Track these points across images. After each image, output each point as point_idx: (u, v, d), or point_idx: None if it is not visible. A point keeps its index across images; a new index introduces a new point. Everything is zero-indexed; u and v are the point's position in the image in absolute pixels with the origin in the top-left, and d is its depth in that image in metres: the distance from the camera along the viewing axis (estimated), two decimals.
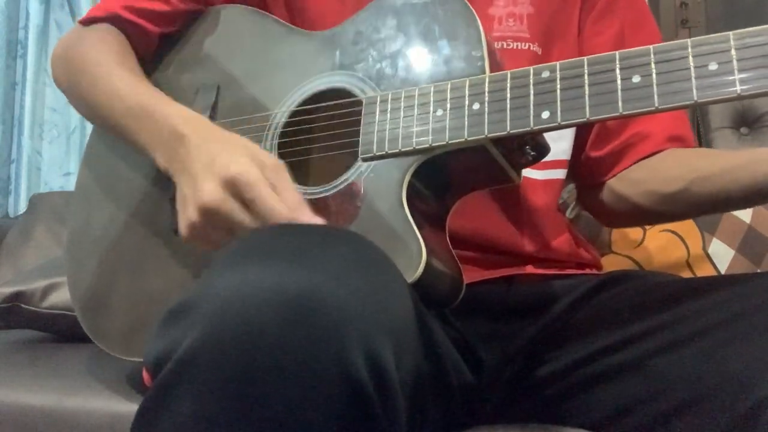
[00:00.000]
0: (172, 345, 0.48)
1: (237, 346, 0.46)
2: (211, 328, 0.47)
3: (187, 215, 0.68)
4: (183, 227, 0.69)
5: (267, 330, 0.46)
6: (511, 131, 0.65)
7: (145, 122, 0.76)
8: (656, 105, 0.61)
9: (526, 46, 0.85)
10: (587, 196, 0.95)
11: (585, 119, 0.63)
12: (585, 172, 0.93)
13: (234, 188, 0.64)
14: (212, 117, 0.82)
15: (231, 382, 0.46)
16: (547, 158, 0.73)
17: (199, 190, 0.66)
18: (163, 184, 0.81)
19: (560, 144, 0.86)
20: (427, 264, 0.63)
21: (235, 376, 0.46)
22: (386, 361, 0.49)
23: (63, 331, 1.21)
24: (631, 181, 0.88)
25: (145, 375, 0.54)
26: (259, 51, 0.84)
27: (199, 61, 0.88)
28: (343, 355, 0.47)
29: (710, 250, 1.16)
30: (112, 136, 0.84)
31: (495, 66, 0.70)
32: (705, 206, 0.83)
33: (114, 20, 0.88)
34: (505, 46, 0.84)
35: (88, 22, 0.90)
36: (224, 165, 0.65)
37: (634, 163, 0.88)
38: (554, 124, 0.64)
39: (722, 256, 1.15)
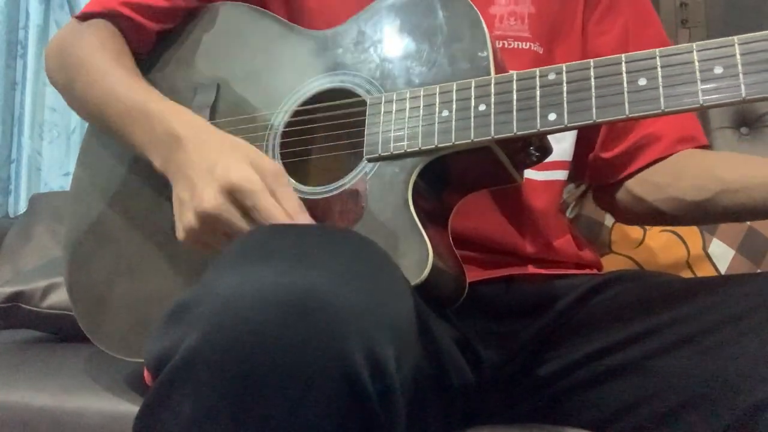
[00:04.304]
0: (173, 345, 0.49)
1: (237, 346, 0.46)
2: (211, 328, 0.47)
3: (185, 220, 0.68)
4: (181, 232, 0.69)
5: (267, 329, 0.46)
6: (518, 132, 0.65)
7: (141, 123, 0.76)
8: (662, 108, 0.61)
9: (527, 46, 0.84)
10: (602, 195, 0.96)
11: (592, 121, 0.63)
12: (595, 173, 0.93)
13: (234, 195, 0.65)
14: (212, 117, 0.82)
15: (231, 382, 0.46)
16: (548, 159, 0.73)
17: (199, 197, 0.66)
18: (162, 183, 0.81)
19: (561, 145, 0.86)
20: (433, 265, 0.63)
21: (235, 375, 0.46)
22: (387, 361, 0.48)
23: (63, 331, 1.21)
24: (652, 184, 0.87)
25: (146, 374, 0.54)
26: (259, 50, 0.83)
27: (198, 60, 0.87)
28: (343, 354, 0.46)
29: (710, 250, 1.16)
30: (108, 136, 0.84)
31: (499, 67, 0.70)
32: (728, 217, 0.84)
33: (111, 16, 0.87)
34: (506, 46, 0.83)
35: (84, 17, 0.89)
36: (224, 171, 0.65)
37: (647, 164, 0.88)
38: (561, 126, 0.64)
39: (722, 256, 1.15)
